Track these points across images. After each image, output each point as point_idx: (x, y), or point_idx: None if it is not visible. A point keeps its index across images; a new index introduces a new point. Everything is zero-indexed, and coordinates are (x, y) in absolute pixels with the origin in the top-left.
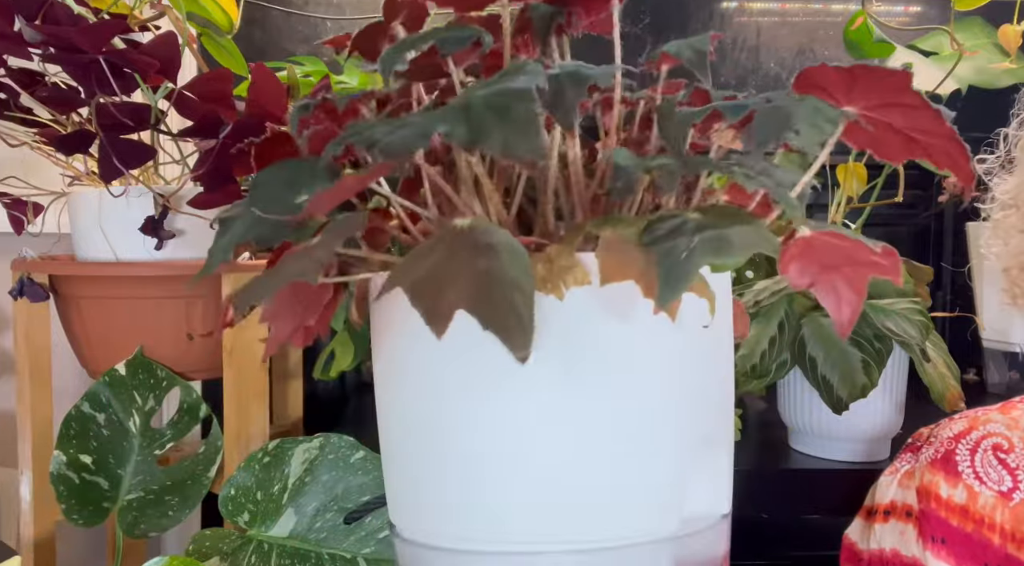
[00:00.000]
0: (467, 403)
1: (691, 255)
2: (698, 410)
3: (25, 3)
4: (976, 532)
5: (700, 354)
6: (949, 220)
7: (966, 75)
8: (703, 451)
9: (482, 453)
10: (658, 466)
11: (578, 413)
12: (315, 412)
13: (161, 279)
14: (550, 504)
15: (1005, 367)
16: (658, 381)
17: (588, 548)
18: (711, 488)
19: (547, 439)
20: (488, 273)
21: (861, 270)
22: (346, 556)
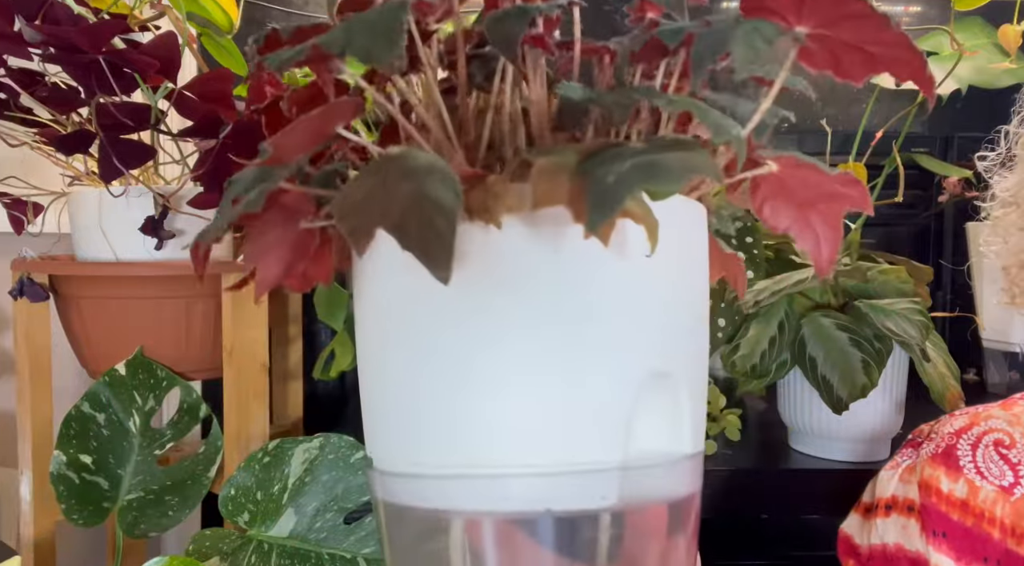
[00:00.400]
0: (422, 337)
1: (620, 179)
2: (646, 344)
3: (25, 3)
4: (976, 526)
5: (650, 286)
6: (949, 220)
7: (966, 75)
8: (654, 386)
9: (437, 382)
10: (597, 396)
11: (522, 340)
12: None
13: (161, 279)
14: (503, 428)
15: (1005, 367)
16: (596, 311)
17: (544, 472)
18: (666, 425)
19: (493, 366)
20: (410, 194)
21: (835, 206)
22: (346, 556)
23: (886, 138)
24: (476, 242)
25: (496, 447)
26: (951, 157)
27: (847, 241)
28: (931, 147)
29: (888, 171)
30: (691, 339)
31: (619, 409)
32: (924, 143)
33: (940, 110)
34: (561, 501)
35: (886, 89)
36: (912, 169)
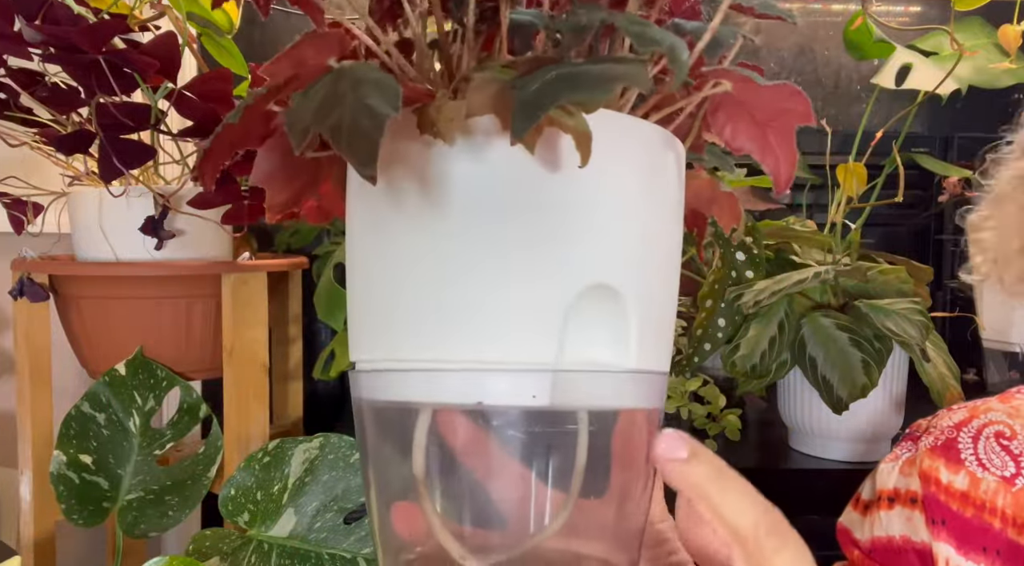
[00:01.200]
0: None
1: (543, 89)
2: (583, 256)
3: (25, 3)
4: (976, 517)
5: (589, 199)
6: (949, 220)
7: (966, 75)
8: (594, 297)
9: (386, 284)
10: (528, 301)
11: (459, 244)
12: (315, 412)
13: (161, 279)
14: (440, 326)
15: (1005, 367)
16: (528, 219)
17: (477, 367)
18: (607, 337)
19: (432, 268)
20: (350, 101)
21: (787, 121)
22: (346, 556)
23: (886, 138)
24: (423, 155)
25: (434, 344)
26: (951, 157)
27: (847, 241)
28: (931, 147)
29: (888, 171)
30: (646, 258)
31: (550, 315)
32: (924, 143)
33: (940, 110)
34: (493, 396)
35: (886, 89)
36: (912, 169)
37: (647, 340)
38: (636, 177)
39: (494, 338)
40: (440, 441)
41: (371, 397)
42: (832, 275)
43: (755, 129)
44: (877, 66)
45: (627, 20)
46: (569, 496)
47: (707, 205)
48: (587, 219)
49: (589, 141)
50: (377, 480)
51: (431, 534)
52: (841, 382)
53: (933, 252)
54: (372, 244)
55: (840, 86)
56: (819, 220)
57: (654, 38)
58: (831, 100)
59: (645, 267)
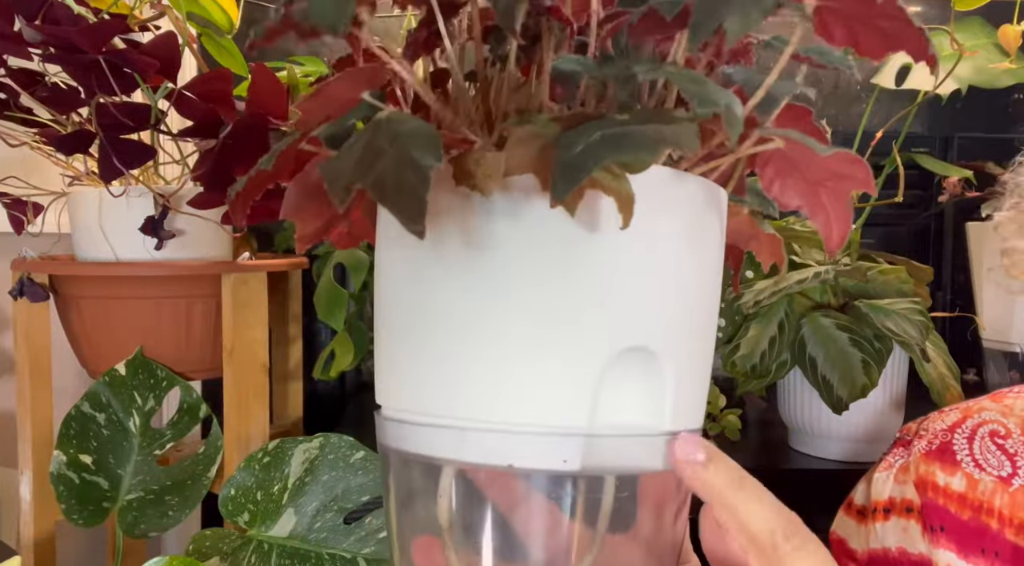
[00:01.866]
0: (407, 296)
1: (587, 150)
2: (620, 318)
3: (25, 3)
4: (974, 519)
5: (628, 261)
6: (949, 220)
7: (966, 75)
8: (629, 361)
9: (415, 337)
10: (561, 364)
11: (491, 304)
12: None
13: (161, 279)
14: (470, 384)
15: (1005, 367)
16: (565, 281)
17: (506, 429)
18: (642, 400)
19: (463, 326)
20: (391, 154)
21: (843, 184)
22: (346, 556)
23: (886, 138)
24: (458, 207)
25: (465, 402)
26: (951, 157)
27: (847, 241)
28: (931, 147)
29: (888, 171)
30: (685, 318)
31: (585, 378)
32: (924, 143)
33: (940, 110)
34: (524, 459)
35: (886, 89)
36: (912, 169)
37: (683, 400)
38: (679, 236)
39: (527, 400)
40: (466, 491)
41: (397, 447)
42: (832, 275)
43: (806, 187)
44: (877, 66)
45: (685, 78)
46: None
47: (746, 241)
48: (627, 282)
49: (632, 204)
50: (399, 524)
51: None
52: (841, 382)
53: (933, 252)
54: (405, 290)
55: (840, 86)
56: None
57: (714, 99)
58: (831, 100)
59: (684, 327)
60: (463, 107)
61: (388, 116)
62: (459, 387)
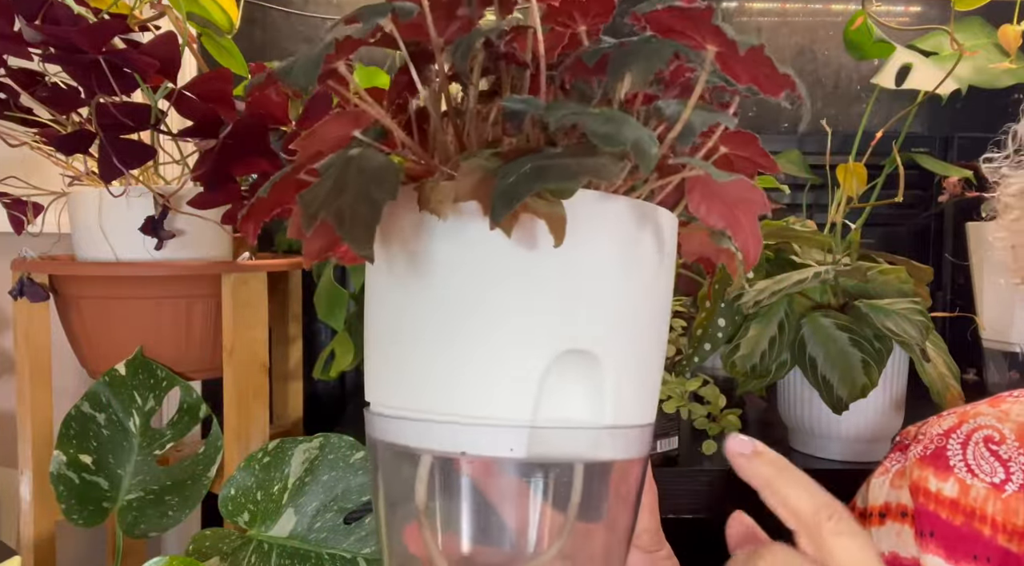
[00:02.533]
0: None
1: (519, 180)
2: (560, 325)
3: (25, 3)
4: (966, 525)
5: (567, 275)
6: (949, 220)
7: (966, 75)
8: (570, 362)
9: (387, 338)
10: (508, 365)
11: (447, 313)
12: (315, 412)
13: (161, 279)
14: (430, 381)
15: (1005, 367)
16: (508, 295)
17: (461, 421)
18: (583, 396)
19: (425, 330)
20: (348, 189)
21: (752, 208)
22: (346, 556)
23: (886, 138)
24: (419, 227)
25: (423, 397)
26: (951, 157)
27: (847, 241)
28: (931, 147)
29: (888, 171)
30: (623, 323)
31: (527, 378)
32: (924, 143)
33: (940, 110)
34: (475, 447)
35: (886, 89)
36: (912, 169)
37: (625, 397)
38: (610, 250)
39: (475, 397)
40: (442, 477)
41: (379, 438)
42: (832, 275)
43: (725, 209)
44: (877, 66)
45: (599, 120)
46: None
47: (715, 255)
48: (563, 292)
49: (563, 225)
50: (386, 509)
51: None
52: (841, 382)
53: (933, 252)
54: (375, 301)
55: (840, 86)
56: (819, 220)
57: (620, 139)
58: (831, 100)
59: (623, 331)
60: (440, 142)
61: (359, 153)
62: (422, 386)
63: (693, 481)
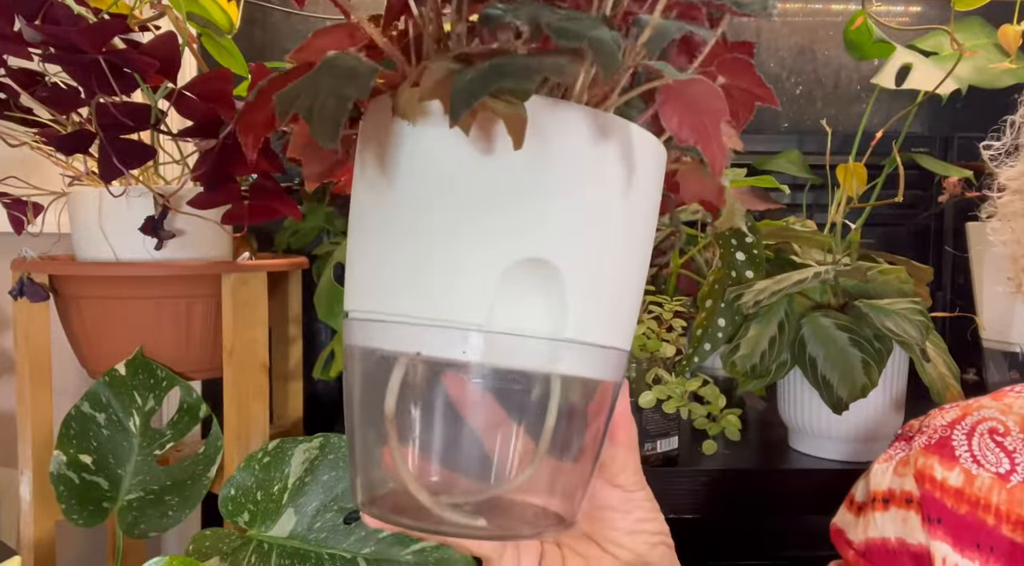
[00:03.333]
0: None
1: (475, 78)
2: (517, 231)
3: (25, 3)
4: (970, 514)
5: (527, 180)
6: (949, 220)
7: (966, 75)
8: (528, 269)
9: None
10: (463, 267)
11: (411, 212)
12: (315, 412)
13: (161, 279)
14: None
15: (1005, 367)
16: (467, 196)
17: (416, 322)
18: (542, 306)
19: (393, 232)
20: (321, 86)
21: (718, 115)
22: (346, 556)
23: (886, 138)
24: (392, 133)
25: (386, 299)
26: (951, 157)
27: (847, 241)
28: (931, 147)
29: (888, 171)
30: (588, 236)
31: (483, 281)
32: (924, 143)
33: (940, 110)
34: (430, 348)
35: (886, 89)
36: (912, 169)
37: (588, 313)
38: (570, 159)
39: (432, 298)
40: (410, 385)
41: (348, 342)
42: (832, 275)
43: (695, 118)
44: (877, 66)
45: (561, 18)
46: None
47: (714, 196)
48: (521, 197)
49: (522, 126)
50: (359, 417)
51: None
52: (841, 382)
53: (933, 252)
54: (353, 211)
55: (840, 86)
56: (819, 220)
57: (574, 33)
58: (831, 100)
59: (586, 245)
60: (427, 52)
61: (336, 56)
62: (385, 288)
63: (693, 481)
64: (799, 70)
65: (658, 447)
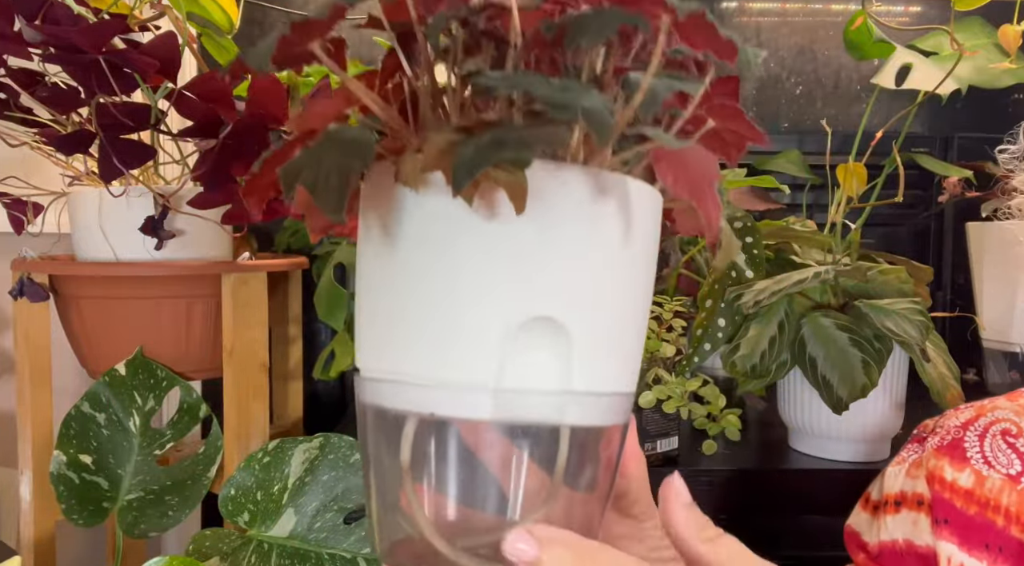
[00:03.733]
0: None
1: (477, 151)
2: (524, 292)
3: (25, 3)
4: (980, 515)
5: (531, 243)
6: (949, 220)
7: (966, 75)
8: (535, 328)
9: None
10: (471, 329)
11: (419, 278)
12: (315, 412)
13: (161, 279)
14: (403, 345)
15: (1005, 367)
16: (472, 260)
17: (429, 384)
18: (550, 361)
19: (400, 295)
20: (324, 159)
21: (712, 177)
22: (346, 556)
23: (886, 138)
24: (394, 197)
25: (397, 359)
26: (951, 157)
27: (847, 241)
28: (931, 147)
29: (888, 171)
30: (592, 293)
31: (491, 341)
32: (924, 143)
33: (940, 110)
34: (442, 408)
35: (886, 89)
36: (912, 169)
37: (595, 364)
38: (570, 219)
39: (441, 359)
40: (424, 436)
41: (360, 399)
42: (832, 275)
43: (690, 178)
44: (877, 66)
45: (552, 88)
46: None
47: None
48: (524, 259)
49: (523, 193)
50: (375, 468)
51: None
52: (841, 382)
53: (933, 252)
54: (359, 271)
55: (840, 86)
56: (819, 220)
57: (568, 106)
58: (831, 100)
59: (590, 300)
60: (428, 120)
61: (337, 128)
62: (394, 350)
63: (693, 481)
64: (799, 70)
65: (658, 447)
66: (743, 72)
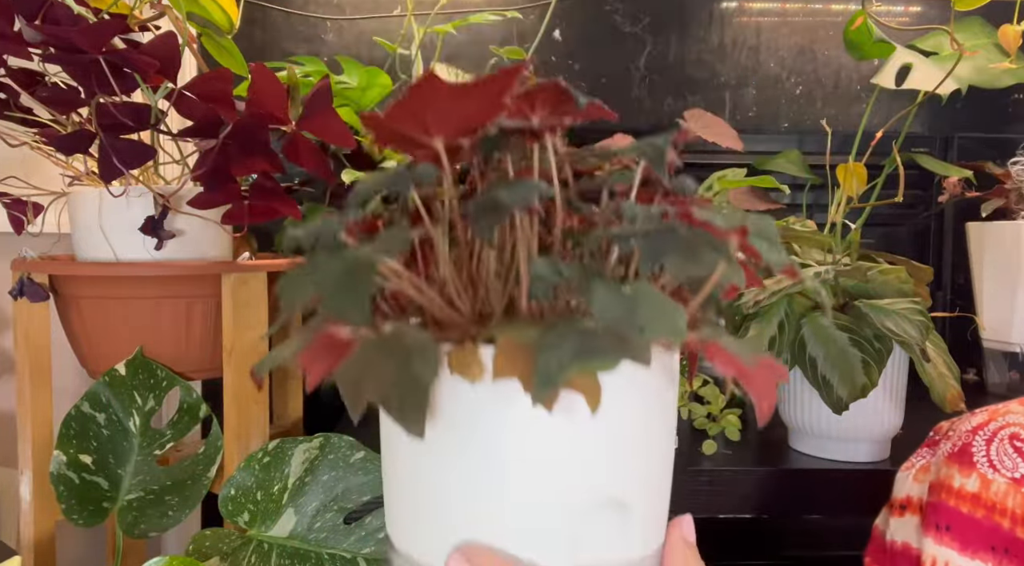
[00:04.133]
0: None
1: (560, 362)
2: (594, 481)
3: (25, 3)
4: (986, 518)
5: (597, 437)
6: (949, 220)
7: (966, 75)
8: (605, 508)
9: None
10: (547, 521)
11: (488, 479)
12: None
13: (161, 279)
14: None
15: (1005, 367)
16: (546, 458)
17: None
18: (616, 536)
19: (468, 494)
20: (395, 372)
21: (769, 375)
22: (346, 556)
23: (886, 138)
24: (453, 393)
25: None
26: (951, 157)
27: (847, 241)
28: (931, 147)
29: (888, 171)
30: (647, 469)
31: (565, 530)
32: (924, 143)
33: (940, 110)
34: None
35: (886, 89)
36: (912, 169)
37: (648, 528)
38: (642, 408)
39: (524, 547)
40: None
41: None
42: (832, 275)
43: (746, 373)
44: (877, 66)
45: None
46: None
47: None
48: (593, 453)
49: (599, 396)
50: None
51: None
52: (841, 382)
53: (933, 252)
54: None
55: (840, 86)
56: (819, 220)
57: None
58: (831, 100)
59: (646, 476)
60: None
61: (394, 330)
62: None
63: (693, 481)
64: (799, 70)
65: None
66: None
